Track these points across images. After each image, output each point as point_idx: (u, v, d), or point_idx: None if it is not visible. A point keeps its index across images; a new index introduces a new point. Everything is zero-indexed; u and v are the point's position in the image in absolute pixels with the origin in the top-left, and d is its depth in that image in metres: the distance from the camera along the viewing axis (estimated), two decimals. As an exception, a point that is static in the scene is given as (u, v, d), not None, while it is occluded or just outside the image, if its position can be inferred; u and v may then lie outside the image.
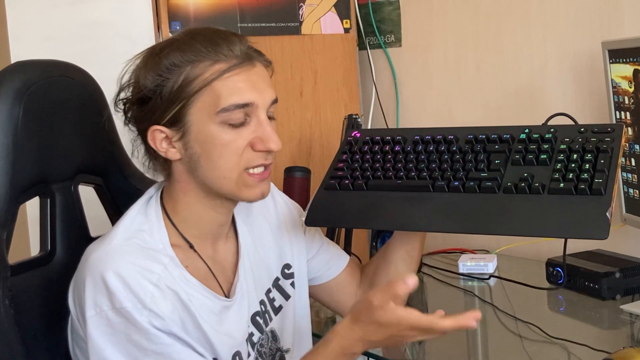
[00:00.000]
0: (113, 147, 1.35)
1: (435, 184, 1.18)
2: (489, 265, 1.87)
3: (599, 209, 1.06)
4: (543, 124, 1.28)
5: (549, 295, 1.68)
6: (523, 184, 1.12)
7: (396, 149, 1.26)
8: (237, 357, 1.15)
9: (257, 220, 1.29)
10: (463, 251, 2.05)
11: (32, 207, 1.27)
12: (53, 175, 1.24)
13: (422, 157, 1.23)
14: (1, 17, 1.97)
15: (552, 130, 1.18)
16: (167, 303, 1.06)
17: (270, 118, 1.13)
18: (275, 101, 1.14)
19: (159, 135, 1.11)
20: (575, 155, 1.13)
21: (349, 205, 1.19)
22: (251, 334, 1.19)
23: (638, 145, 1.56)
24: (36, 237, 1.25)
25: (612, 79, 1.65)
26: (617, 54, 1.62)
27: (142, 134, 1.13)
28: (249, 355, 1.18)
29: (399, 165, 1.23)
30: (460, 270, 1.88)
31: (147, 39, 2.06)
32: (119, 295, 1.03)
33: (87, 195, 1.34)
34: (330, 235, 1.86)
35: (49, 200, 1.25)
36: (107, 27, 2.03)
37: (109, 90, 1.35)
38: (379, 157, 1.26)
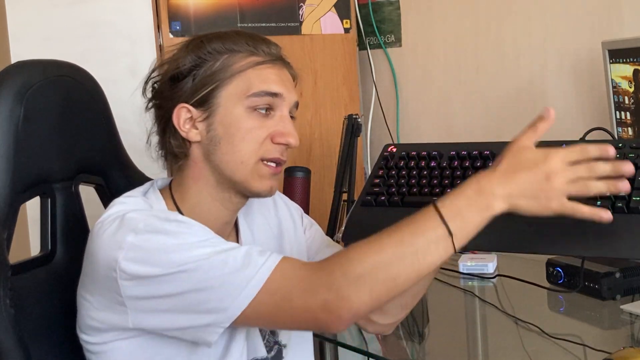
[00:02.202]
0: (113, 147, 1.35)
1: None
2: (489, 265, 1.87)
3: (637, 227, 1.03)
4: (580, 139, 1.26)
5: (549, 295, 1.68)
6: None
7: (432, 164, 1.25)
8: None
9: (257, 220, 1.30)
10: (463, 251, 2.05)
11: (32, 207, 1.27)
12: (53, 175, 1.24)
13: (458, 172, 1.22)
14: (1, 17, 1.97)
15: None
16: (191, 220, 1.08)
17: (291, 117, 1.19)
18: (297, 105, 1.20)
19: (184, 115, 1.14)
20: None
21: (386, 222, 1.18)
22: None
23: (638, 145, 1.56)
24: (36, 237, 1.25)
25: (612, 79, 1.66)
26: (617, 54, 1.63)
27: (167, 113, 1.15)
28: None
29: (435, 181, 1.23)
30: (461, 270, 1.89)
31: (147, 39, 2.06)
32: (140, 218, 1.05)
33: (87, 195, 1.34)
34: (331, 233, 1.86)
35: (49, 200, 1.25)
36: (107, 27, 2.03)
37: (109, 90, 1.35)
38: (414, 172, 1.25)
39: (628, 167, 0.97)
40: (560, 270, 1.65)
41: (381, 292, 0.98)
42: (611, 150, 0.98)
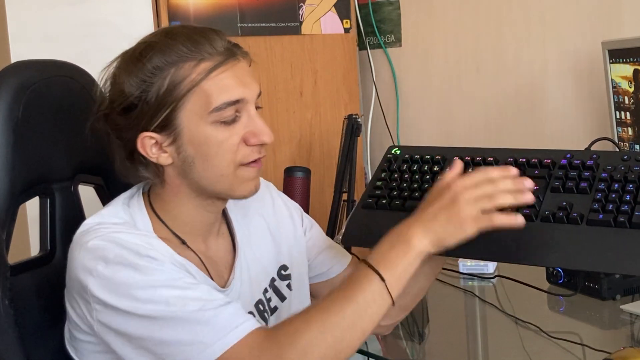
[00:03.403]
0: (113, 147, 1.35)
1: None
2: (489, 265, 1.87)
3: (639, 243, 1.02)
4: (585, 149, 1.25)
5: (549, 295, 1.68)
6: (561, 214, 1.08)
7: (435, 169, 1.23)
8: None
9: (254, 220, 1.28)
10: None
11: (32, 207, 1.27)
12: (53, 175, 1.24)
13: None
14: (1, 17, 1.98)
15: (594, 156, 1.14)
16: (165, 252, 1.05)
17: (256, 108, 1.13)
18: (260, 94, 1.13)
19: (148, 142, 1.09)
20: (616, 185, 1.08)
21: (386, 226, 1.16)
22: None
23: (638, 146, 1.57)
24: (36, 237, 1.24)
25: (612, 79, 1.66)
26: (617, 54, 1.63)
27: (130, 142, 1.10)
28: None
29: None
30: (461, 270, 1.88)
31: (147, 39, 2.06)
32: (111, 248, 1.02)
33: (87, 195, 1.34)
34: (331, 234, 1.86)
35: (49, 200, 1.24)
36: (107, 27, 2.03)
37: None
38: (417, 177, 1.24)
39: (528, 182, 1.03)
40: (560, 270, 1.65)
41: (330, 355, 0.99)
42: (513, 170, 1.05)
